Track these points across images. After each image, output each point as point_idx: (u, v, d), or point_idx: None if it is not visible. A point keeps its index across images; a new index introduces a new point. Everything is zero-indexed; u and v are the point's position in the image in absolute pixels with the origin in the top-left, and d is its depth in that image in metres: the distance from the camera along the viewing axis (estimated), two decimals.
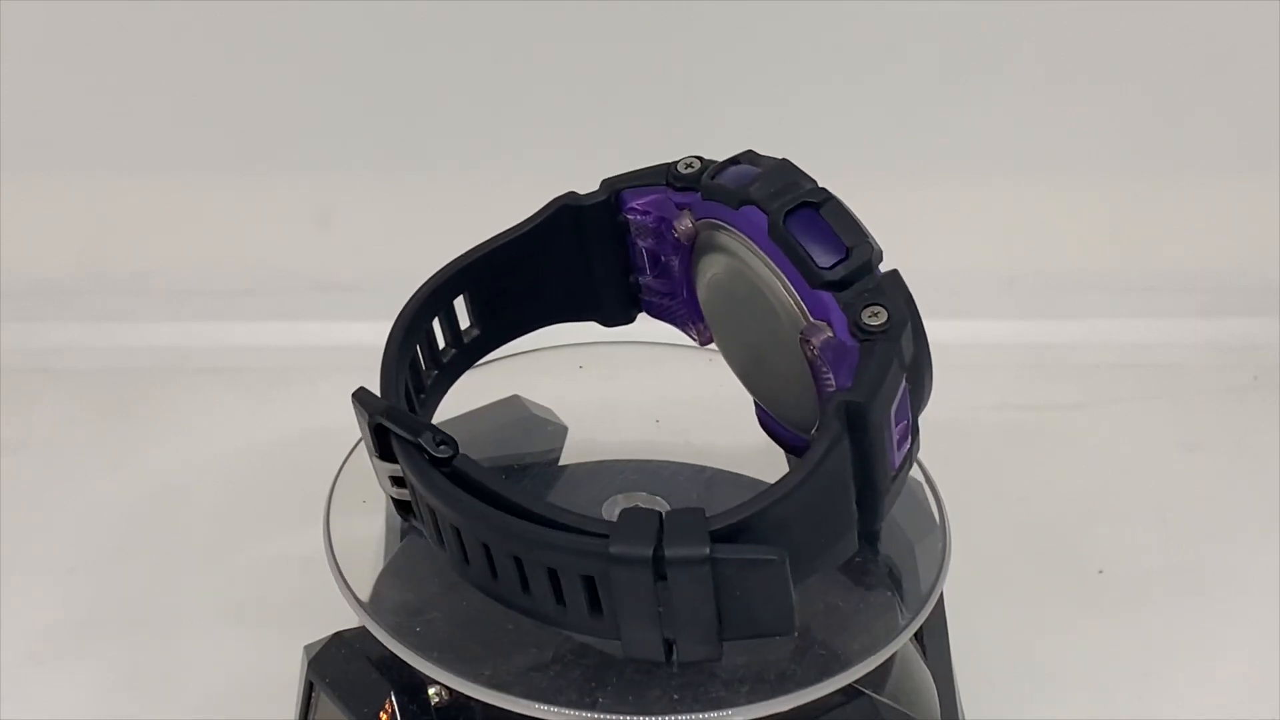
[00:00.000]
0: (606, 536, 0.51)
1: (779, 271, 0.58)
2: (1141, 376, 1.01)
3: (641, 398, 0.71)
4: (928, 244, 1.01)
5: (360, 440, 0.65)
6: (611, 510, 0.63)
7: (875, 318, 0.56)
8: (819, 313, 0.57)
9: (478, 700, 0.55)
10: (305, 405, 0.96)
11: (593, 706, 0.54)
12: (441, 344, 0.63)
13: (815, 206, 0.58)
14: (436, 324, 0.63)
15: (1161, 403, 0.99)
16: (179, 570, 0.85)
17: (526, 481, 0.67)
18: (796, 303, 0.58)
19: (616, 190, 0.63)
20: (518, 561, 0.53)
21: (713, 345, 0.65)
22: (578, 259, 0.64)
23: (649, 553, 0.51)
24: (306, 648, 0.61)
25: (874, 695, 0.58)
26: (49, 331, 1.02)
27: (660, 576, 0.51)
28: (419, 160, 1.04)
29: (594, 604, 0.53)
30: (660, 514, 0.52)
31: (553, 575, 0.53)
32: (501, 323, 0.64)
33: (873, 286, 0.57)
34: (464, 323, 0.64)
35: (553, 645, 0.57)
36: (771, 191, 0.58)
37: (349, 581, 0.59)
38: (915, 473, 0.65)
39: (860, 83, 1.02)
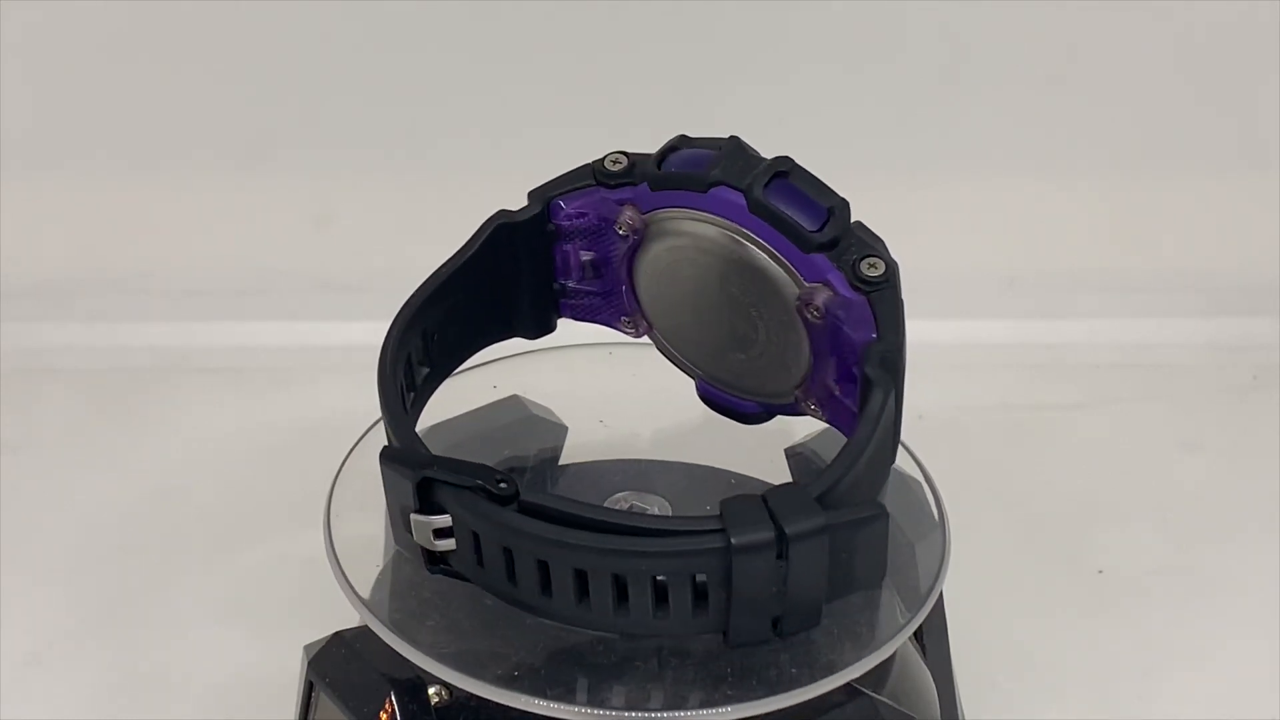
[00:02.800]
0: (719, 531, 0.51)
1: (766, 244, 0.59)
2: (1141, 376, 1.01)
3: (631, 396, 0.71)
4: (928, 244, 1.01)
5: (360, 440, 0.65)
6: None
7: (874, 268, 0.58)
8: (813, 276, 0.59)
9: (478, 699, 0.55)
10: (305, 405, 0.96)
11: (595, 703, 0.55)
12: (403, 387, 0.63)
13: (785, 176, 0.59)
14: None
15: (1161, 403, 0.99)
16: (179, 570, 0.85)
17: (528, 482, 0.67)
18: (789, 271, 0.59)
19: (548, 199, 0.62)
20: (617, 580, 0.52)
21: (644, 339, 0.66)
22: (511, 277, 0.63)
23: (771, 535, 0.51)
24: (306, 648, 0.61)
25: (874, 695, 0.58)
26: (49, 331, 1.02)
27: (780, 556, 0.52)
28: (418, 160, 1.04)
29: (699, 602, 0.53)
30: (760, 497, 0.52)
31: (656, 584, 0.52)
32: (448, 355, 0.63)
33: (855, 240, 0.59)
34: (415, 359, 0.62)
35: (555, 642, 0.57)
36: (738, 169, 0.59)
37: (350, 580, 0.59)
38: (915, 472, 0.65)
39: (860, 82, 1.02)
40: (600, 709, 0.54)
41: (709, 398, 0.65)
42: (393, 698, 0.57)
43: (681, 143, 0.61)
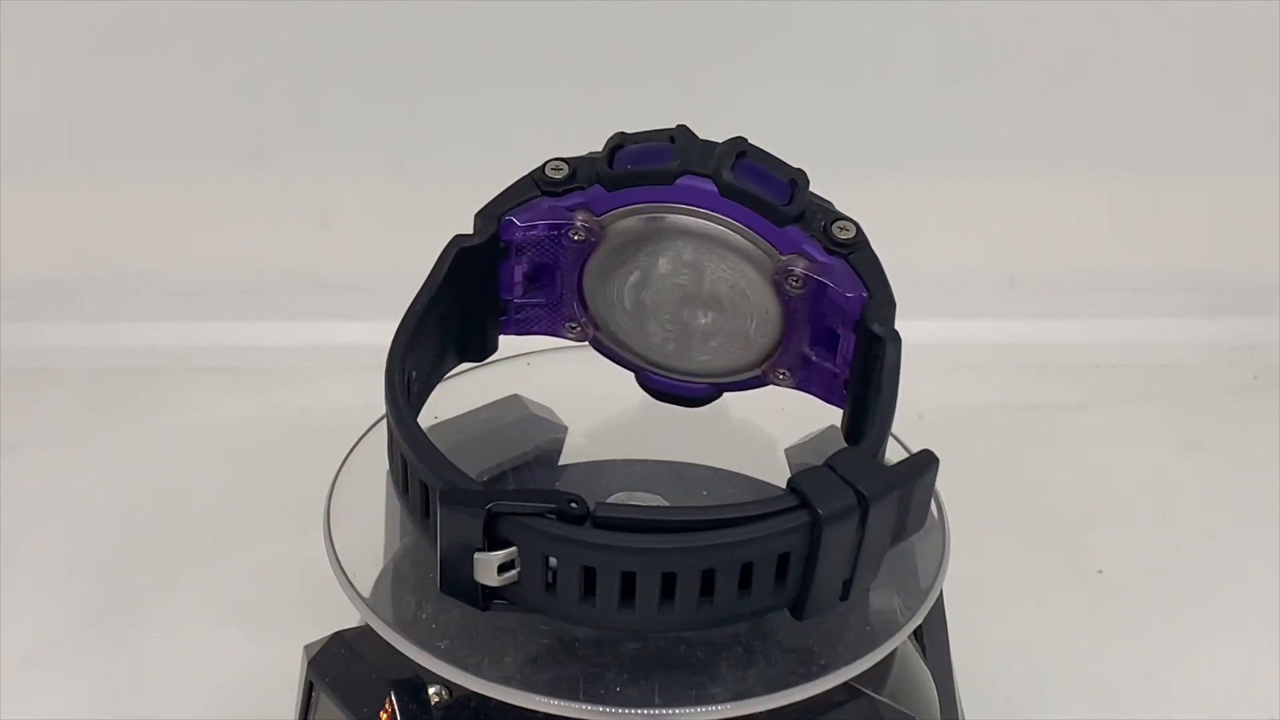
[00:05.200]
0: (802, 507, 0.52)
1: (739, 224, 0.59)
2: (1141, 376, 1.01)
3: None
4: (928, 243, 1.02)
5: (360, 440, 0.65)
6: None
7: (845, 231, 0.59)
8: (789, 248, 0.59)
9: (479, 699, 0.55)
10: (305, 405, 0.96)
11: (595, 699, 0.55)
12: None
13: (744, 155, 0.60)
14: None
15: (1161, 403, 0.99)
16: (179, 570, 0.85)
17: (527, 480, 0.67)
18: (763, 247, 0.59)
19: (498, 217, 0.61)
20: (705, 575, 0.52)
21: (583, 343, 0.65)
22: (468, 302, 0.62)
23: (854, 501, 0.52)
24: (306, 648, 0.61)
25: (874, 695, 0.58)
26: (49, 331, 1.02)
27: (861, 519, 0.53)
28: (418, 160, 1.04)
29: (780, 579, 0.53)
30: (827, 466, 0.53)
31: (742, 571, 0.53)
32: (421, 393, 0.62)
33: (816, 208, 0.60)
34: None
35: (555, 638, 0.57)
36: (698, 156, 0.60)
37: (351, 579, 0.59)
38: None
39: (860, 82, 1.03)
40: (601, 705, 0.54)
41: (654, 387, 0.65)
42: (393, 698, 0.57)
43: (624, 140, 0.61)
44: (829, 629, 0.57)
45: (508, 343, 0.65)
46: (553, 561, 0.52)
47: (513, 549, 0.52)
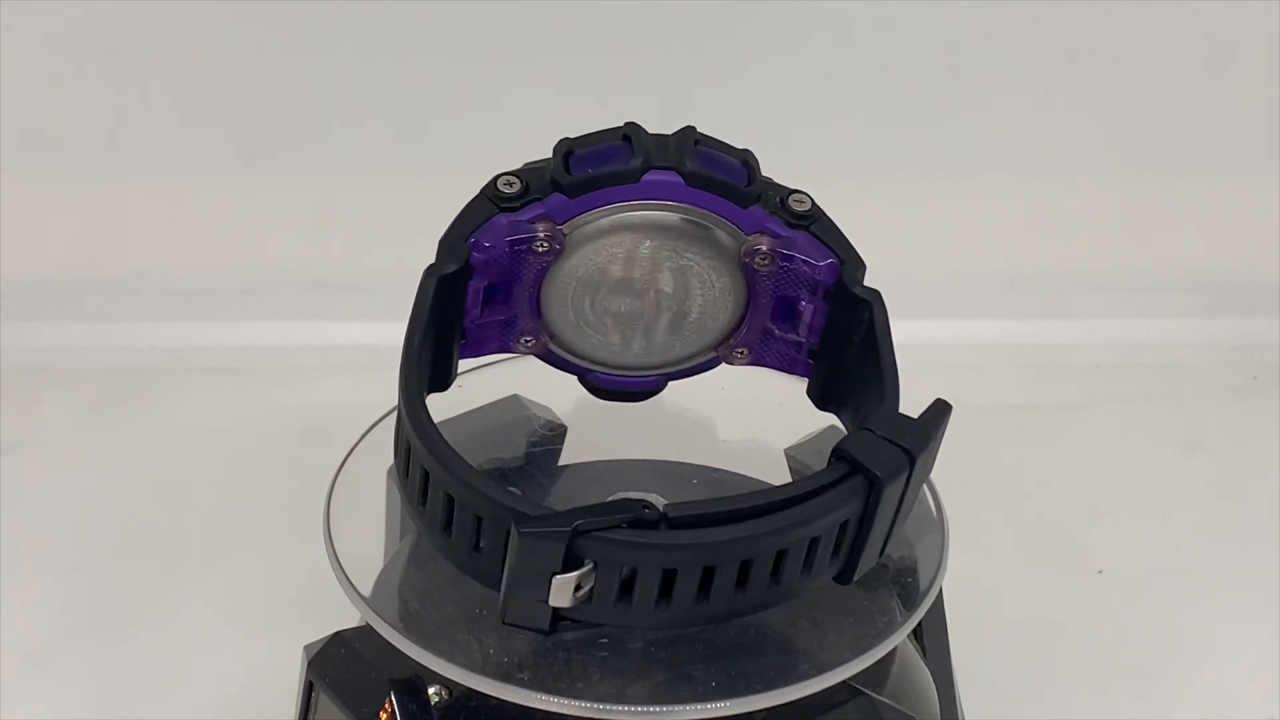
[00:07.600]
0: (857, 474, 0.53)
1: (706, 211, 0.60)
2: (1141, 376, 1.01)
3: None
4: (928, 244, 1.02)
5: (360, 440, 0.65)
6: None
7: (801, 204, 0.61)
8: (754, 227, 0.60)
9: (479, 698, 0.55)
10: (305, 405, 0.96)
11: (596, 697, 0.55)
12: None
13: (698, 143, 0.60)
14: None
15: (1161, 403, 0.99)
16: (179, 570, 0.85)
17: (527, 481, 0.67)
18: (732, 231, 0.60)
19: (465, 241, 0.60)
20: (777, 556, 0.53)
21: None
22: (438, 333, 0.60)
23: (905, 459, 0.54)
24: (306, 648, 0.61)
25: (874, 695, 0.58)
26: (49, 331, 1.02)
27: (910, 475, 0.54)
28: (418, 160, 1.04)
29: (836, 550, 0.54)
30: (866, 430, 0.54)
31: (810, 545, 0.53)
32: None
33: (768, 184, 0.60)
34: None
35: (555, 636, 0.57)
36: (657, 150, 0.60)
37: (351, 579, 0.59)
38: None
39: (860, 81, 1.03)
40: (600, 703, 0.54)
41: (600, 386, 0.65)
42: (393, 698, 0.57)
43: (575, 144, 0.61)
44: (827, 627, 0.57)
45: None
46: (624, 571, 0.52)
47: (587, 566, 0.52)
